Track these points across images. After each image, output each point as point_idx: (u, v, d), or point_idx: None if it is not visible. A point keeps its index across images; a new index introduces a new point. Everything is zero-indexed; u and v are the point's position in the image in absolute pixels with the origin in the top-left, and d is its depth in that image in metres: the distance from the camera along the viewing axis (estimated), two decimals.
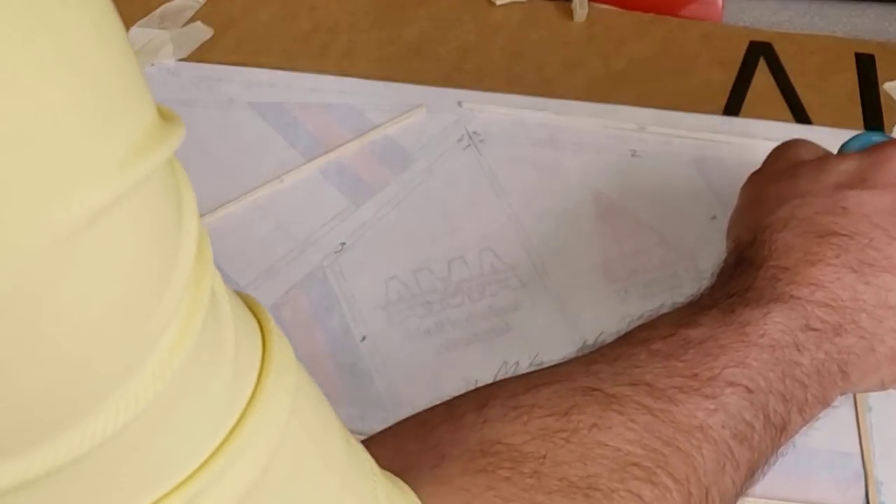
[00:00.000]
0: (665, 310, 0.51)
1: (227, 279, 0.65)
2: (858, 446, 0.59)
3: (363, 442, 0.39)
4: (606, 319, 0.62)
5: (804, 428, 0.49)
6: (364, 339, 0.61)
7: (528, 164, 0.68)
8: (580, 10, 0.75)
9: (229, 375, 0.30)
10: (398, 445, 0.42)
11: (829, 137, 0.68)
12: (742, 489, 0.47)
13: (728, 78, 0.72)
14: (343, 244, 0.65)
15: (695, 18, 0.75)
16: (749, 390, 0.46)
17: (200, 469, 0.29)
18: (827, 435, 0.59)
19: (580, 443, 0.43)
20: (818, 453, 0.58)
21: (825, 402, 0.50)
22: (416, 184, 0.67)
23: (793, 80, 0.71)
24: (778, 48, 0.72)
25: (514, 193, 0.67)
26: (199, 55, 0.72)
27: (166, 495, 0.29)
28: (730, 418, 0.46)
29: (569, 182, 0.67)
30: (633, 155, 0.69)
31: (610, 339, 0.49)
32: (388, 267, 0.64)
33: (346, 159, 0.68)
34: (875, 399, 0.60)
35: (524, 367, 0.58)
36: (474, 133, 0.70)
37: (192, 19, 0.73)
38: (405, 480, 0.39)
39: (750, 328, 0.48)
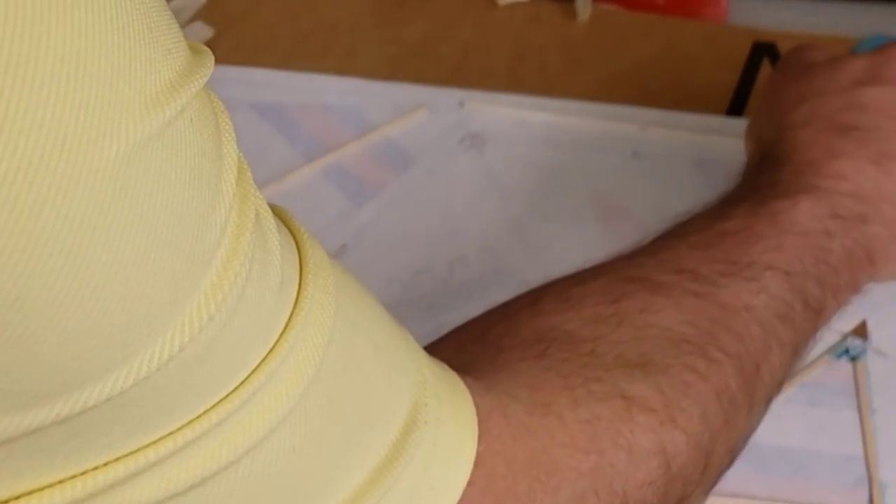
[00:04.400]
0: (697, 210, 0.53)
1: None
2: (863, 449, 0.58)
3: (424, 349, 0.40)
4: None
5: (837, 313, 0.52)
6: None
7: (530, 165, 0.68)
8: (583, 10, 0.75)
9: (277, 286, 0.31)
10: (457, 347, 0.43)
11: None
12: (788, 370, 0.49)
13: (732, 78, 0.71)
14: (344, 245, 0.65)
15: (698, 19, 0.75)
16: (787, 273, 0.48)
17: (253, 373, 0.31)
18: (831, 438, 0.59)
19: (632, 325, 0.44)
20: (822, 456, 0.58)
21: (855, 288, 0.52)
22: (418, 185, 0.67)
23: None
24: (782, 48, 0.72)
25: (515, 194, 0.67)
26: None
27: (222, 401, 0.30)
28: (772, 299, 0.48)
29: (571, 183, 0.67)
30: (635, 156, 0.69)
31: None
32: (388, 268, 0.64)
33: (346, 160, 0.68)
34: (880, 402, 0.60)
35: None
36: (476, 133, 0.69)
37: (193, 19, 0.73)
38: (466, 374, 0.40)
39: (781, 217, 0.50)
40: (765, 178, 0.53)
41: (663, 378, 0.43)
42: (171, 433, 0.29)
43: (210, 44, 0.71)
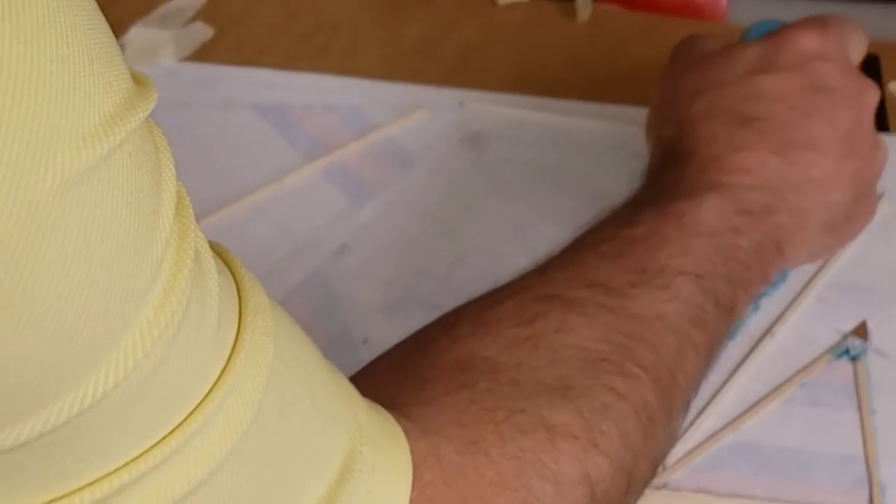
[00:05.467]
0: (604, 215, 0.53)
1: None
2: (862, 449, 0.58)
3: None
4: None
5: (748, 306, 0.52)
6: (365, 341, 0.61)
7: (530, 165, 0.68)
8: (583, 10, 0.75)
9: (215, 325, 0.31)
10: (378, 382, 0.42)
11: None
12: (703, 373, 0.49)
13: None
14: (344, 245, 0.65)
15: (698, 19, 0.75)
16: (697, 276, 0.48)
17: (191, 415, 0.30)
18: (831, 438, 0.59)
19: (548, 347, 0.44)
20: (822, 456, 0.58)
21: (765, 280, 0.53)
22: (418, 185, 0.67)
23: None
24: None
25: (515, 195, 0.67)
26: (200, 55, 0.71)
27: (157, 443, 0.30)
28: (684, 305, 0.48)
29: (571, 183, 0.67)
30: (635, 156, 0.68)
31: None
32: (388, 268, 0.64)
33: (347, 160, 0.68)
34: (880, 402, 0.60)
35: None
36: (476, 133, 0.69)
37: (193, 19, 0.73)
38: (391, 409, 0.40)
39: (687, 218, 0.50)
40: (669, 178, 0.53)
41: (583, 401, 0.43)
42: (106, 475, 0.29)
43: (210, 44, 0.72)
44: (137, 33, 0.71)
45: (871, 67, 0.71)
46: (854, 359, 0.61)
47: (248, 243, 0.65)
